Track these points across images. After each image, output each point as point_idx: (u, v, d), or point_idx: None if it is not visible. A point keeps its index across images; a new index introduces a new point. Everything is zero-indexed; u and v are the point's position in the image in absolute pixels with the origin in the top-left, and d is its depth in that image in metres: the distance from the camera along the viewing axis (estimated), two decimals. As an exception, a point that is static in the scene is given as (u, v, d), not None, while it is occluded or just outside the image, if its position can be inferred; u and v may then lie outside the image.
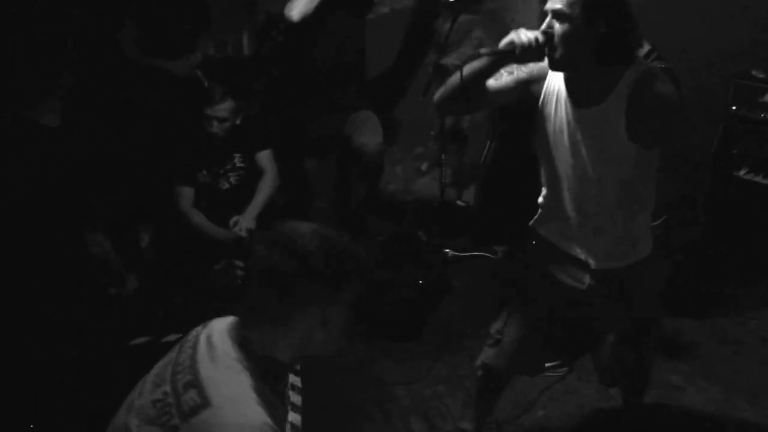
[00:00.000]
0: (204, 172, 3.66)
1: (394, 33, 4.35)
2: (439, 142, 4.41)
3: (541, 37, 2.03)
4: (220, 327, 1.55)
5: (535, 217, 2.45)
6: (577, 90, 2.13)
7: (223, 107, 3.54)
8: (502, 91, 2.23)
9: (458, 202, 4.57)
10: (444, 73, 3.25)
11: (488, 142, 4.24)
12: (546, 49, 2.04)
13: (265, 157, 3.73)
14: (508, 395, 3.14)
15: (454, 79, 2.17)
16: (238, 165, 3.72)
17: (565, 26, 1.98)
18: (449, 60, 3.93)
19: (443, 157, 4.25)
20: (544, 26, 2.04)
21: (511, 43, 2.06)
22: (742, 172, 3.98)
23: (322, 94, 3.84)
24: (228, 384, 1.42)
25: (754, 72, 3.99)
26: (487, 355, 2.58)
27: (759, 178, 3.90)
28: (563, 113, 2.17)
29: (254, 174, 3.72)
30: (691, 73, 4.03)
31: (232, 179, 3.70)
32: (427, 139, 5.01)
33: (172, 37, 3.93)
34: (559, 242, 2.38)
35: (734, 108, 3.99)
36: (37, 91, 2.87)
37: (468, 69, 2.15)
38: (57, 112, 2.92)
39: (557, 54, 2.03)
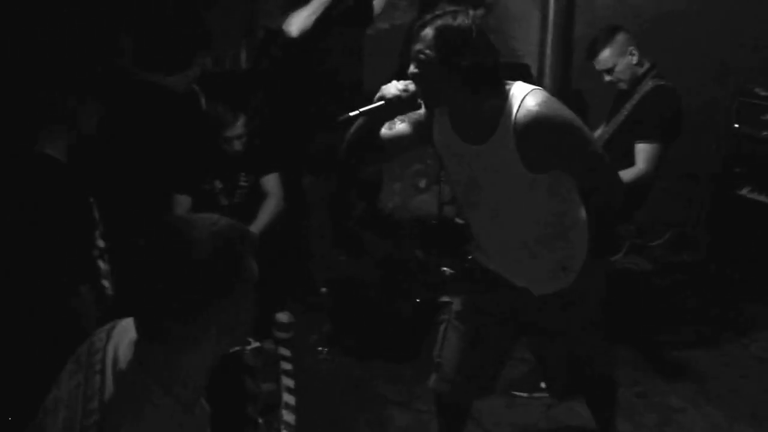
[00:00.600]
0: (207, 187, 3.64)
1: (394, 49, 4.31)
2: (437, 158, 4.38)
3: (410, 85, 2.10)
4: (125, 351, 1.38)
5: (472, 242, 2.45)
6: (463, 127, 2.16)
7: (240, 124, 3.56)
8: (398, 139, 2.27)
9: (457, 220, 4.54)
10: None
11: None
12: (419, 92, 2.09)
13: (271, 181, 3.71)
14: (508, 417, 3.10)
15: (347, 140, 2.25)
16: (241, 183, 3.69)
17: (425, 68, 2.03)
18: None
19: (442, 174, 4.22)
20: (410, 71, 2.08)
21: (382, 98, 2.13)
22: (745, 191, 3.95)
23: (320, 110, 3.80)
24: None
25: (757, 89, 3.96)
26: (432, 380, 2.53)
27: (762, 197, 3.87)
28: (455, 152, 2.20)
29: (256, 195, 3.69)
30: (693, 90, 4.00)
31: (235, 197, 3.68)
32: (426, 156, 4.98)
33: (169, 52, 3.91)
34: (488, 265, 2.37)
35: (737, 126, 3.96)
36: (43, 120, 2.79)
37: (353, 129, 2.22)
38: (64, 141, 2.81)
39: (425, 95, 2.09)
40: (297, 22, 3.65)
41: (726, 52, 4.47)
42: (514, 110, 2.03)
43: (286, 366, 3.39)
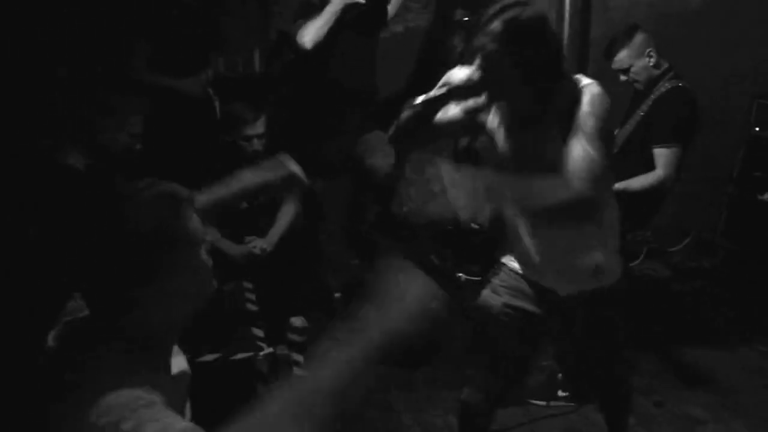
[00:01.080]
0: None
1: (408, 51, 4.29)
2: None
3: (475, 75, 2.07)
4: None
5: (500, 245, 2.44)
6: (517, 115, 2.16)
7: (260, 122, 3.53)
8: (450, 124, 2.26)
9: (472, 225, 4.50)
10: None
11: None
12: (482, 84, 2.07)
13: None
14: (525, 425, 3.06)
15: (401, 122, 2.24)
16: None
17: (490, 62, 2.01)
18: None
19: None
20: (475, 65, 2.06)
21: (447, 84, 2.14)
22: (765, 196, 3.88)
23: (334, 114, 3.78)
24: None
25: (776, 92, 3.91)
26: (464, 393, 2.51)
27: (782, 202, 3.81)
28: (509, 139, 2.18)
29: (275, 199, 3.66)
30: (712, 92, 3.96)
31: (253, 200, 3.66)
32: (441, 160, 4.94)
33: (183, 56, 3.89)
34: (522, 270, 2.35)
35: (757, 129, 3.90)
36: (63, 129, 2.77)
37: (410, 115, 2.21)
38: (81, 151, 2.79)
39: (489, 89, 2.08)
40: (310, 33, 3.63)
41: (745, 54, 4.42)
42: (567, 95, 2.04)
43: (299, 371, 3.36)
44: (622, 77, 3.47)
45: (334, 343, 1.33)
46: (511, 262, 2.39)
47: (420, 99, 2.18)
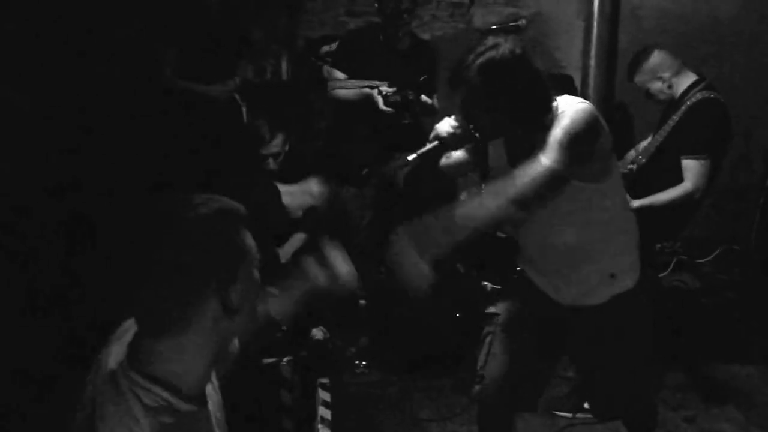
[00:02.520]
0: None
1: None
2: (478, 171, 4.32)
3: (463, 123, 2.14)
4: (118, 358, 1.35)
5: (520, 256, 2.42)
6: (514, 149, 2.17)
7: (276, 143, 3.51)
8: (457, 167, 2.41)
9: (498, 234, 4.47)
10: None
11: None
12: (469, 131, 2.12)
13: None
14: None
15: (402, 177, 2.49)
16: None
17: (475, 109, 2.03)
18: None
19: (483, 187, 4.15)
20: (460, 112, 2.13)
21: (437, 137, 2.22)
22: (796, 207, 3.82)
23: (365, 122, 3.76)
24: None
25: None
26: (474, 390, 2.48)
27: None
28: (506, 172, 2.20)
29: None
30: (742, 102, 3.91)
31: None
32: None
33: (211, 62, 3.92)
34: (535, 279, 2.34)
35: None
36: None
37: (410, 170, 2.36)
38: None
39: (479, 134, 2.11)
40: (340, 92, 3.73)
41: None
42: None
43: (323, 379, 3.35)
44: (647, 96, 3.49)
45: None
46: (527, 272, 2.38)
47: (412, 156, 2.22)
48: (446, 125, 2.20)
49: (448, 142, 2.22)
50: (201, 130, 3.83)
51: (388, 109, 3.52)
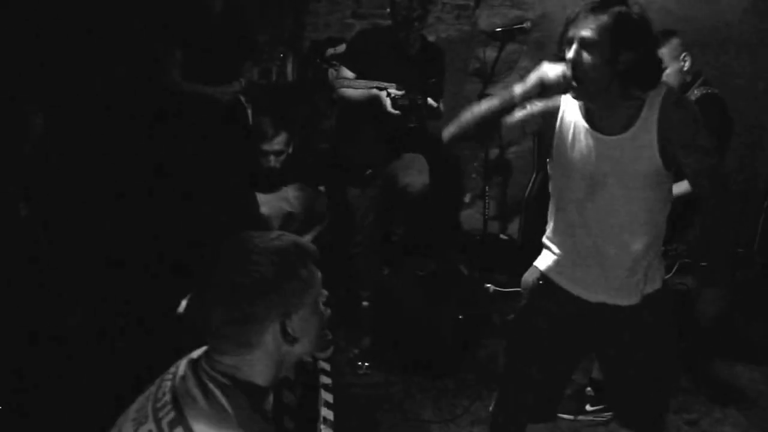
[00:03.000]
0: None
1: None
2: (482, 173, 4.34)
3: (568, 71, 1.96)
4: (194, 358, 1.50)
5: (541, 256, 2.34)
6: (599, 118, 2.07)
7: (279, 140, 3.54)
8: (515, 127, 2.18)
9: (501, 236, 4.49)
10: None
11: (534, 174, 4.14)
12: (572, 81, 1.97)
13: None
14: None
15: (469, 117, 2.14)
16: None
17: (593, 55, 1.91)
18: (495, 90, 3.86)
19: (487, 189, 4.16)
20: (570, 56, 1.95)
21: (540, 79, 2.02)
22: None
23: (369, 122, 3.77)
24: (213, 420, 1.35)
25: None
26: (492, 405, 2.47)
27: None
28: (584, 144, 2.09)
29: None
30: (744, 105, 3.90)
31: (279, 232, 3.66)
32: (471, 171, 4.94)
33: (217, 64, 3.94)
34: (564, 283, 2.26)
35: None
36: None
37: (487, 109, 2.12)
38: None
39: (584, 84, 1.96)
40: (347, 91, 3.68)
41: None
42: (657, 103, 1.99)
43: (326, 380, 3.36)
44: None
45: None
46: (547, 269, 2.31)
47: (516, 89, 2.06)
48: (554, 70, 1.97)
49: (550, 88, 2.00)
50: (207, 132, 3.86)
51: (396, 111, 3.52)
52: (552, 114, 2.15)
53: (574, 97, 2.04)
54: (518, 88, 2.06)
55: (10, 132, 2.87)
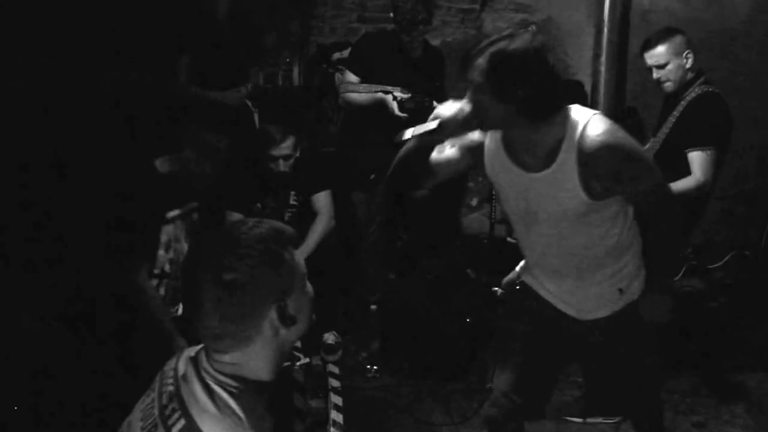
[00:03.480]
0: (258, 205, 3.63)
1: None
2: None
3: (466, 108, 2.01)
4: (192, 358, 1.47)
5: (521, 264, 2.39)
6: (519, 153, 2.09)
7: (286, 145, 3.53)
8: (448, 163, 2.24)
9: (509, 239, 4.48)
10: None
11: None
12: (474, 119, 2.02)
13: (321, 199, 3.69)
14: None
15: (396, 162, 2.22)
16: (292, 202, 3.69)
17: (485, 95, 1.94)
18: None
19: (493, 193, 4.17)
20: (468, 97, 2.01)
21: (437, 118, 2.06)
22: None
23: (374, 127, 3.78)
24: (226, 427, 1.34)
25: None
26: (485, 407, 2.47)
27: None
28: (510, 179, 2.13)
29: (308, 213, 3.67)
30: (750, 107, 3.91)
31: (285, 216, 3.67)
32: (477, 174, 4.95)
33: (224, 68, 3.95)
34: (538, 289, 2.30)
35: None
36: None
37: (403, 153, 2.20)
38: None
39: (483, 122, 2.02)
40: (353, 95, 3.72)
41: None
42: (576, 137, 1.97)
43: (335, 383, 3.37)
44: (656, 74, 3.41)
45: None
46: (524, 274, 2.36)
47: (409, 132, 2.14)
48: (449, 108, 2.03)
49: (448, 126, 2.05)
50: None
51: (403, 114, 3.52)
52: (478, 148, 2.19)
53: (482, 130, 2.10)
54: (418, 129, 2.12)
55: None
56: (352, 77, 3.75)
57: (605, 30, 4.47)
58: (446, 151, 2.22)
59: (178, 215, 2.86)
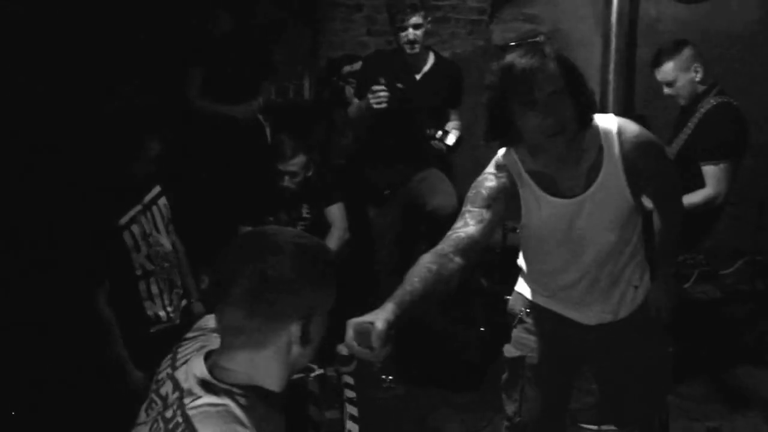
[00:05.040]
0: (271, 218, 3.65)
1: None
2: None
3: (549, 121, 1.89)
4: (198, 366, 1.41)
5: (522, 282, 2.35)
6: (557, 182, 2.01)
7: (295, 162, 3.51)
8: (485, 230, 2.01)
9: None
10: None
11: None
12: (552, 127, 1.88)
13: (335, 212, 3.67)
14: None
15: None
16: (305, 215, 3.70)
17: (557, 99, 1.84)
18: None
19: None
20: (538, 108, 1.85)
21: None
22: (819, 218, 3.81)
23: (388, 141, 3.79)
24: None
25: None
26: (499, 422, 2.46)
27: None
28: (555, 213, 2.03)
29: (321, 226, 3.66)
30: (760, 114, 3.91)
31: (299, 229, 3.67)
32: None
33: (236, 82, 3.99)
34: (554, 306, 2.25)
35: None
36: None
37: None
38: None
39: (564, 130, 1.86)
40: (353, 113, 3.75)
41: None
42: (616, 143, 1.97)
43: (350, 394, 3.39)
44: (666, 90, 3.44)
45: None
46: (532, 293, 2.30)
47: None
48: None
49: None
50: (226, 151, 3.91)
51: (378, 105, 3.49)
52: (508, 194, 2.04)
53: (565, 141, 1.90)
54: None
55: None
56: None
57: (613, 39, 4.49)
58: (471, 219, 2.02)
59: (134, 216, 2.78)
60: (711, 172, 3.28)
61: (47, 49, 3.41)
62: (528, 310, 2.30)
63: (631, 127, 2.01)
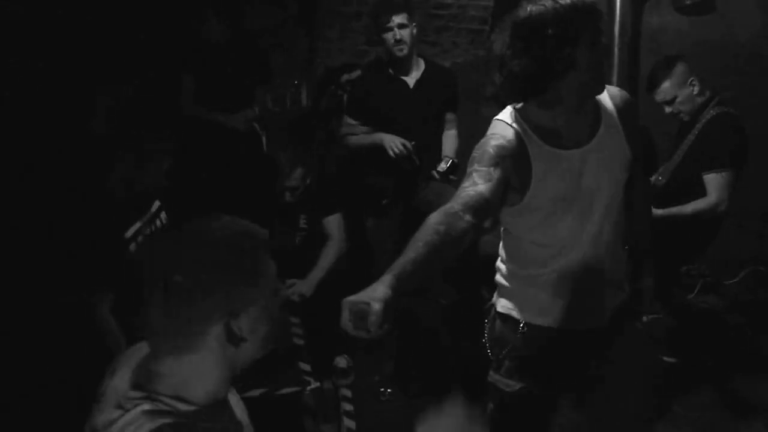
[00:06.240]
0: (278, 224, 3.62)
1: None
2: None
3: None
4: (124, 377, 1.33)
5: (505, 303, 2.27)
6: (567, 133, 1.93)
7: (295, 176, 3.48)
8: (495, 191, 1.87)
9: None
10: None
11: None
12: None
13: (333, 222, 3.62)
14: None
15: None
16: (302, 226, 3.66)
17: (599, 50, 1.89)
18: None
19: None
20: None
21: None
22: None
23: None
24: None
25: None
26: None
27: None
28: (565, 166, 1.94)
29: (318, 237, 3.62)
30: (762, 123, 3.88)
31: (295, 239, 3.64)
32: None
33: (230, 91, 3.97)
34: (550, 322, 2.14)
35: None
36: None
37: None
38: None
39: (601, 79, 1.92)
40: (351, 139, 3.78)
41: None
42: (606, 95, 1.98)
43: (347, 407, 3.34)
44: (668, 109, 3.46)
45: None
46: (528, 315, 2.19)
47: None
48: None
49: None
50: (221, 160, 3.88)
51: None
52: (516, 148, 1.92)
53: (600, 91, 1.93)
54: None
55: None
56: (350, 120, 3.74)
57: (615, 50, 4.47)
58: (479, 178, 1.88)
59: (139, 228, 2.78)
60: (713, 180, 3.28)
61: (47, 50, 3.39)
62: (524, 330, 2.20)
63: (612, 86, 2.03)
